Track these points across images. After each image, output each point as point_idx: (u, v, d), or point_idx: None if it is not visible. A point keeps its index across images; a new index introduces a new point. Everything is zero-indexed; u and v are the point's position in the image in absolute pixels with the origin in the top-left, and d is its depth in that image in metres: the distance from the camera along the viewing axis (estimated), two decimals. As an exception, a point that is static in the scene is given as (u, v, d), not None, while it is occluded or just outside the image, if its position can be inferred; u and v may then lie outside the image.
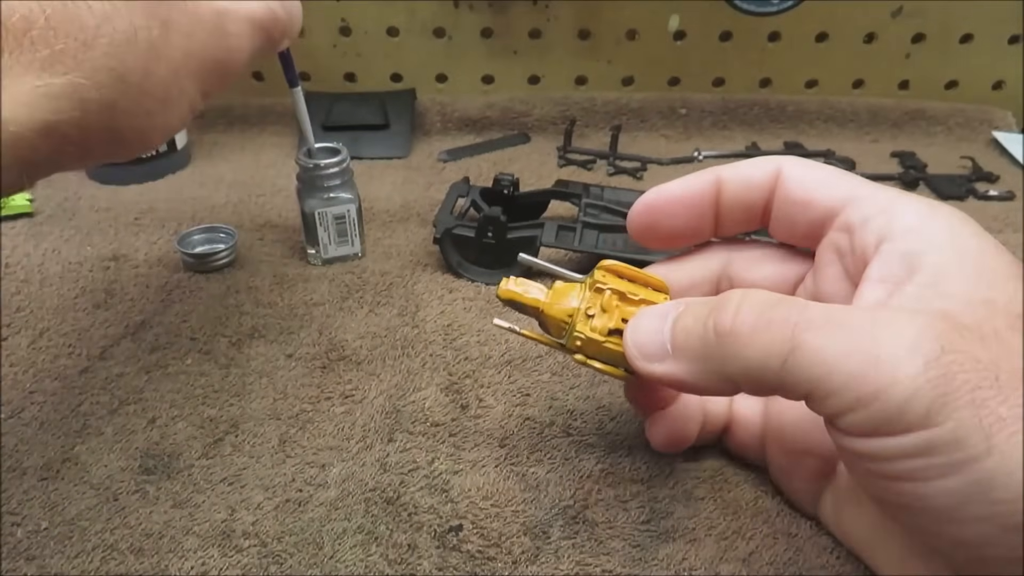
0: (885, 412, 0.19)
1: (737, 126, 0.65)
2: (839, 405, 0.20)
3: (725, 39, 0.67)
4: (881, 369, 0.20)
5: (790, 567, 0.27)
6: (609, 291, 0.26)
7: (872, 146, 0.63)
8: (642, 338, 0.25)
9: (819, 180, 0.26)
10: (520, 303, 0.27)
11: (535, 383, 0.36)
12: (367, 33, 0.66)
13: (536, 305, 0.27)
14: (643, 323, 0.25)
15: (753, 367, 0.21)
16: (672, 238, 0.29)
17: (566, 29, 0.66)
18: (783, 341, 0.21)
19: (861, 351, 0.20)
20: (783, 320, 0.21)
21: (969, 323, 0.20)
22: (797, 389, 0.21)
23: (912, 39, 0.67)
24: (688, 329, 0.24)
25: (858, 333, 0.20)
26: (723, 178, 0.27)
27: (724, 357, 0.22)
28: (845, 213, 0.25)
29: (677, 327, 0.24)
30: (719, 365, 0.22)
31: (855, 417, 0.20)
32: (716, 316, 0.23)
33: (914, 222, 0.23)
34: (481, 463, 0.31)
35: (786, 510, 0.29)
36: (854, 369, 0.20)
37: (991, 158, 0.61)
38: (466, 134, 0.64)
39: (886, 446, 0.20)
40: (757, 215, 0.27)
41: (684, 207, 0.27)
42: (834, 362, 0.20)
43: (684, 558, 0.27)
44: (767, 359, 0.21)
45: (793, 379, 0.21)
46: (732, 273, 0.28)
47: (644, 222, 0.28)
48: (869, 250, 0.24)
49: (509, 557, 0.27)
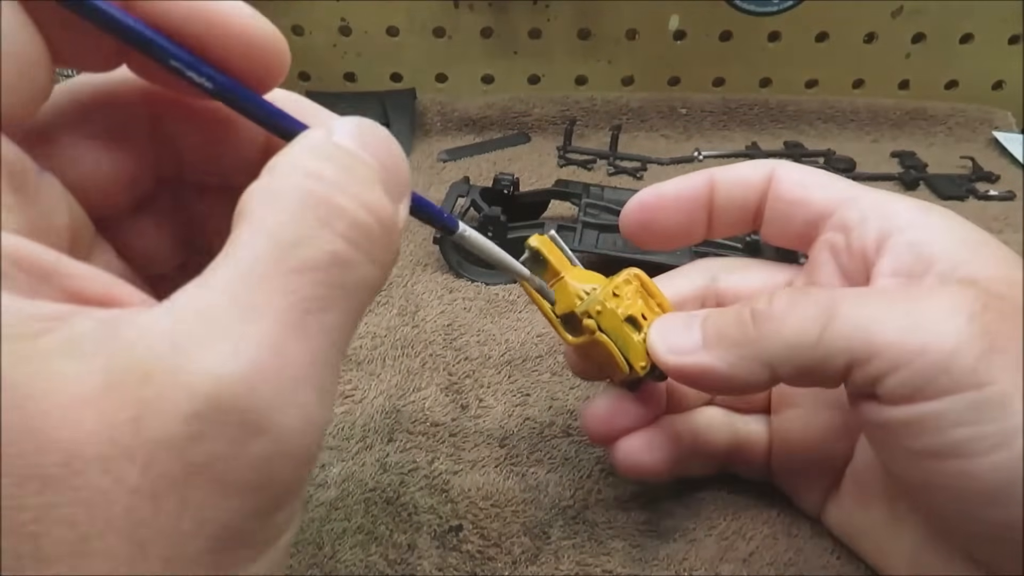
0: (931, 368, 0.19)
1: (737, 126, 0.65)
2: (881, 367, 0.20)
3: (725, 39, 0.67)
4: (924, 326, 0.19)
5: (791, 568, 0.27)
6: (636, 285, 0.26)
7: (872, 146, 0.63)
8: (670, 333, 0.24)
9: (812, 181, 0.26)
10: (545, 258, 0.26)
11: (535, 383, 0.36)
12: (367, 33, 0.66)
13: (560, 268, 0.26)
14: (669, 321, 0.25)
15: (791, 343, 0.21)
16: (665, 238, 0.29)
17: (566, 29, 0.66)
18: (820, 313, 0.21)
19: (901, 313, 0.20)
20: (817, 297, 0.22)
21: (998, 292, 0.20)
22: (836, 360, 0.21)
23: (912, 39, 0.67)
24: (720, 322, 0.23)
25: (895, 300, 0.21)
26: (716, 179, 0.27)
27: (760, 338, 0.22)
28: (840, 212, 0.25)
29: (708, 323, 0.24)
30: (755, 348, 0.22)
31: (898, 377, 0.20)
32: (751, 305, 0.23)
33: (914, 217, 0.24)
34: (481, 463, 0.31)
35: (786, 510, 0.29)
36: (896, 328, 0.20)
37: (991, 158, 0.61)
38: (466, 134, 0.64)
39: (931, 411, 0.19)
40: (749, 216, 0.27)
41: (677, 206, 0.27)
42: (874, 325, 0.20)
43: (684, 558, 0.27)
44: (804, 333, 0.21)
45: (832, 348, 0.21)
46: (719, 286, 0.28)
47: (637, 220, 0.28)
48: (870, 247, 0.24)
49: (509, 557, 0.27)
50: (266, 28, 0.17)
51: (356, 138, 0.17)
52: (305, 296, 0.14)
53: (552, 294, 0.26)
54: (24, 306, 0.13)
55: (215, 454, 0.13)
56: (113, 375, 0.12)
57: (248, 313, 0.13)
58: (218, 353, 0.13)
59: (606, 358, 0.25)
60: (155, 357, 0.13)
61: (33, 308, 0.13)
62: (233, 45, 0.16)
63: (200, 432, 0.13)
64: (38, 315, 0.13)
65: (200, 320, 0.13)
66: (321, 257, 0.14)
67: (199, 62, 0.16)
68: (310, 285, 0.14)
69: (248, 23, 0.17)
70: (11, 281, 0.13)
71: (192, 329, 0.13)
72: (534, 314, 0.41)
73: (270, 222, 0.15)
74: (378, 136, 0.17)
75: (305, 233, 0.14)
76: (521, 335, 0.39)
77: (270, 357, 0.13)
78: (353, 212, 0.15)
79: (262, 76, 0.17)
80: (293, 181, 0.15)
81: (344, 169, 0.16)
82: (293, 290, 0.14)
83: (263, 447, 0.13)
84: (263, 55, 0.17)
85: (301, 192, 0.15)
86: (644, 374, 0.25)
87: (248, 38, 0.17)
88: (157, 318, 0.13)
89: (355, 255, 0.15)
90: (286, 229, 0.14)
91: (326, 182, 0.15)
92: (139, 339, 0.13)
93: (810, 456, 0.27)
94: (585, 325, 0.25)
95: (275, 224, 0.14)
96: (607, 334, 0.25)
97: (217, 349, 0.13)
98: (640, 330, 0.25)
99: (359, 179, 0.16)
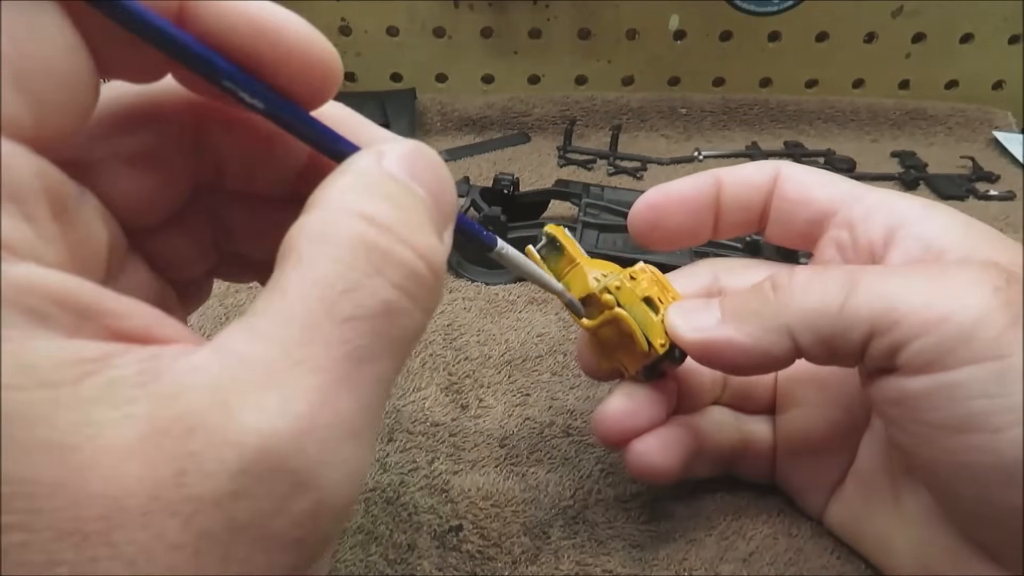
0: (954, 336, 0.19)
1: (737, 126, 0.65)
2: (904, 334, 0.20)
3: (725, 39, 0.67)
4: (948, 295, 0.20)
5: (791, 567, 0.27)
6: (650, 275, 0.26)
7: (872, 146, 0.63)
8: (689, 312, 0.24)
9: (817, 180, 0.27)
10: (561, 245, 0.26)
11: (535, 383, 0.36)
12: (367, 33, 0.66)
13: (575, 255, 0.26)
14: (687, 302, 0.25)
15: (813, 310, 0.22)
16: (672, 238, 0.29)
17: (566, 29, 0.66)
18: (842, 283, 0.21)
19: (925, 283, 0.20)
20: (839, 270, 0.22)
21: (1017, 274, 0.20)
22: (858, 328, 0.21)
23: (912, 39, 0.67)
24: (738, 298, 0.24)
25: (918, 273, 0.21)
26: (723, 179, 0.27)
27: (781, 307, 0.22)
28: (845, 210, 0.25)
29: (726, 300, 0.24)
30: (777, 317, 0.22)
31: (920, 344, 0.20)
32: (772, 277, 0.23)
33: (920, 212, 0.24)
34: (481, 463, 0.31)
35: (786, 510, 0.29)
36: (919, 297, 0.20)
37: (991, 158, 0.61)
38: (466, 134, 0.64)
39: (952, 381, 0.19)
40: (755, 217, 0.28)
41: (686, 206, 0.27)
42: (897, 293, 0.20)
43: (684, 558, 0.27)
44: (827, 300, 0.21)
45: (855, 315, 0.21)
46: (721, 286, 0.28)
47: (646, 219, 0.28)
48: (877, 242, 0.24)
49: (509, 557, 0.27)
50: (323, 45, 0.16)
51: (407, 166, 0.16)
52: (356, 347, 0.14)
53: (581, 308, 0.26)
54: (65, 347, 0.12)
55: (260, 511, 0.12)
56: (157, 425, 0.12)
57: (297, 364, 0.13)
58: (266, 407, 0.12)
59: (623, 339, 0.25)
60: (200, 408, 0.12)
61: (74, 350, 0.12)
62: (291, 62, 0.16)
63: (246, 490, 0.12)
64: (79, 358, 0.12)
65: (247, 369, 0.13)
66: (374, 306, 0.14)
67: (252, 82, 0.15)
68: (361, 335, 0.14)
69: (307, 40, 0.16)
70: (52, 321, 0.13)
71: (239, 379, 0.13)
72: (534, 314, 0.41)
73: (322, 267, 0.14)
74: (429, 162, 0.17)
75: (358, 281, 0.14)
76: (521, 335, 0.39)
77: (319, 412, 0.13)
78: (408, 260, 0.15)
79: (316, 93, 0.17)
80: (346, 224, 0.15)
81: (398, 209, 0.15)
82: (345, 340, 0.14)
83: (308, 504, 0.13)
84: (319, 72, 0.16)
85: (354, 236, 0.14)
86: (663, 353, 0.25)
87: (305, 55, 0.16)
88: (202, 364, 0.13)
89: (407, 304, 0.15)
90: (338, 276, 0.14)
91: (380, 227, 0.15)
92: (184, 387, 0.12)
93: (814, 455, 0.27)
94: (604, 300, 0.25)
95: (327, 270, 0.14)
96: (626, 310, 0.25)
97: (265, 403, 0.13)
98: (658, 312, 0.25)
99: (413, 221, 0.15)
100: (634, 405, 0.26)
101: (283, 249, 0.15)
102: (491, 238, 0.22)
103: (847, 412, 0.27)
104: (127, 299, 0.14)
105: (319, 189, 0.15)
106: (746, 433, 0.29)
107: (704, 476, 0.29)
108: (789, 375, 0.28)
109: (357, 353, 0.14)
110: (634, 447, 0.26)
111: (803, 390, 0.28)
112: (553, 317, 0.40)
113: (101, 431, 0.12)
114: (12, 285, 0.12)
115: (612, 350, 0.26)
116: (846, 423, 0.27)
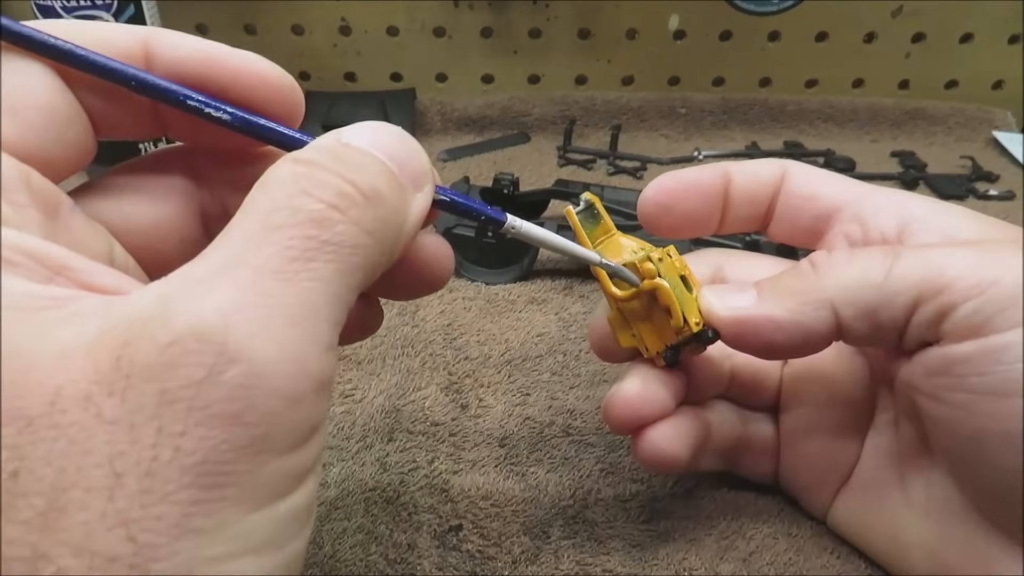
0: (1003, 299, 0.20)
1: (737, 126, 0.65)
2: (952, 298, 0.20)
3: (725, 39, 0.67)
4: (994, 261, 0.20)
5: (791, 567, 0.27)
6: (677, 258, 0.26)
7: (872, 146, 0.63)
8: (724, 290, 0.24)
9: (825, 178, 0.27)
10: (599, 212, 0.26)
11: (535, 383, 0.36)
12: (367, 33, 0.66)
13: (611, 227, 0.26)
14: (719, 285, 0.25)
15: (857, 280, 0.22)
16: (680, 225, 0.28)
17: (566, 29, 0.66)
18: (884, 255, 0.22)
19: (969, 252, 0.21)
20: (878, 247, 0.22)
21: None
22: (903, 296, 0.21)
23: (912, 39, 0.67)
24: (776, 278, 0.24)
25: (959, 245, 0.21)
26: (732, 172, 0.27)
27: (822, 281, 0.22)
28: (854, 206, 0.25)
29: (761, 283, 0.24)
30: (817, 291, 0.22)
31: (969, 307, 0.20)
32: (811, 257, 0.23)
33: (931, 207, 0.24)
34: (481, 463, 0.31)
35: (786, 510, 0.29)
36: (966, 262, 0.20)
37: (991, 158, 0.61)
38: (466, 134, 0.64)
39: (1000, 344, 0.20)
40: (761, 212, 0.27)
41: (697, 193, 0.27)
42: (943, 259, 0.21)
43: (684, 558, 0.27)
44: (870, 272, 0.22)
45: (901, 283, 0.21)
46: (725, 275, 0.28)
47: (658, 203, 0.27)
48: (890, 235, 0.24)
49: (509, 557, 0.27)
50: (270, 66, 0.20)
51: (367, 138, 0.18)
52: (286, 247, 0.15)
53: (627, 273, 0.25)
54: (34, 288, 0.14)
55: (190, 381, 0.13)
56: (104, 331, 0.13)
57: (231, 267, 0.14)
58: (197, 296, 0.14)
59: (655, 313, 0.24)
60: (142, 309, 0.14)
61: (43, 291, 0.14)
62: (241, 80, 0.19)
63: (175, 360, 0.13)
64: (46, 295, 0.14)
65: (187, 279, 0.14)
66: (301, 217, 0.15)
67: (213, 99, 0.19)
68: (291, 239, 0.15)
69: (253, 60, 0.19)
70: (24, 270, 0.14)
71: (179, 286, 0.14)
72: (534, 314, 0.41)
73: (258, 201, 0.16)
74: (389, 133, 0.19)
75: (286, 202, 0.16)
76: (521, 335, 0.39)
77: (247, 295, 0.14)
78: (336, 184, 0.16)
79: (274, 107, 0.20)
80: (283, 168, 0.16)
81: (333, 156, 0.17)
82: (272, 242, 0.15)
83: (238, 375, 0.13)
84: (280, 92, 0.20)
85: (286, 173, 0.16)
86: (695, 333, 0.24)
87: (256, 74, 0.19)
88: (150, 286, 0.15)
89: (335, 215, 0.16)
90: (271, 202, 0.16)
91: (308, 162, 0.17)
92: (132, 302, 0.14)
93: (819, 454, 0.27)
94: (645, 270, 0.24)
95: (261, 200, 0.16)
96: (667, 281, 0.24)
97: (196, 292, 0.14)
98: (691, 291, 0.25)
99: (349, 163, 0.17)
100: (648, 391, 0.25)
101: None
102: (498, 214, 0.22)
103: (852, 410, 0.27)
104: (102, 265, 0.16)
105: None
106: (749, 429, 0.29)
107: (706, 470, 0.29)
108: (794, 372, 0.28)
109: (288, 253, 0.15)
110: (647, 434, 0.25)
111: (808, 387, 0.28)
112: (553, 317, 0.40)
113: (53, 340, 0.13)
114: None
115: (638, 324, 0.25)
116: (851, 421, 0.27)
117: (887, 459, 0.26)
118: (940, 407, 0.22)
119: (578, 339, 0.39)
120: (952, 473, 0.24)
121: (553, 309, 0.41)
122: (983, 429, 0.21)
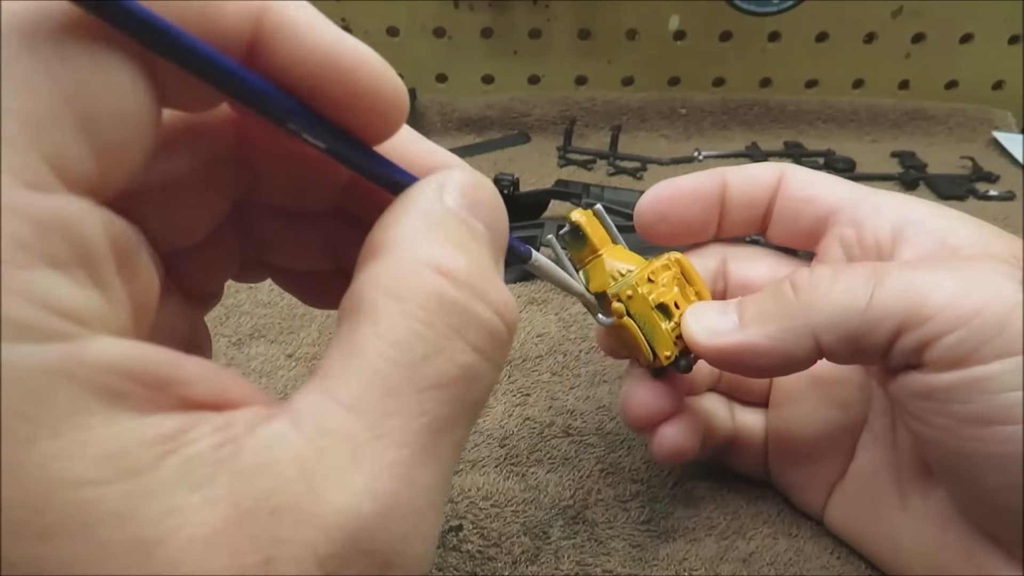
0: (987, 330, 0.19)
1: (737, 126, 0.65)
2: (935, 329, 0.20)
3: (725, 39, 0.67)
4: (979, 289, 0.20)
5: (791, 567, 0.27)
6: (675, 272, 0.26)
7: (872, 146, 0.63)
8: (705, 316, 0.24)
9: (822, 180, 0.27)
10: (585, 234, 0.26)
11: (535, 383, 0.36)
12: (367, 33, 0.66)
13: (598, 246, 0.26)
14: (703, 307, 0.25)
15: (839, 308, 0.21)
16: (678, 232, 0.28)
17: (566, 29, 0.66)
18: (867, 279, 0.21)
19: (953, 277, 0.20)
20: (862, 266, 0.22)
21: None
22: (885, 325, 0.21)
23: (912, 39, 0.67)
24: (756, 300, 0.23)
25: (942, 266, 0.21)
26: (728, 177, 0.27)
27: (804, 308, 0.22)
28: (851, 208, 0.25)
29: (743, 304, 0.24)
30: (798, 319, 0.22)
31: (953, 339, 0.20)
32: (791, 278, 0.23)
33: (928, 211, 0.24)
34: (481, 463, 0.31)
35: (786, 510, 0.29)
36: (951, 291, 0.20)
37: (991, 158, 0.61)
38: (466, 134, 0.64)
39: (983, 375, 0.19)
40: (759, 216, 0.27)
41: (694, 200, 0.27)
42: (927, 286, 0.20)
43: (684, 558, 0.27)
44: (854, 297, 0.21)
45: (883, 312, 0.20)
46: (729, 269, 0.28)
47: (655, 211, 0.27)
48: (885, 239, 0.24)
49: (509, 557, 0.27)
50: (393, 82, 0.16)
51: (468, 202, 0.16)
52: (436, 416, 0.13)
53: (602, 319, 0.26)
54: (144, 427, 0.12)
55: None
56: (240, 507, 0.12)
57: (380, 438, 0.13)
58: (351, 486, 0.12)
59: (632, 343, 0.25)
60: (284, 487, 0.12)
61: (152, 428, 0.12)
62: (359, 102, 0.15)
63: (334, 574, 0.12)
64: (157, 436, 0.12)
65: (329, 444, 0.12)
66: (454, 372, 0.14)
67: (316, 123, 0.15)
68: (441, 404, 0.13)
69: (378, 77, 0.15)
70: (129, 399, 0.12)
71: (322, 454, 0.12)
72: (534, 314, 0.41)
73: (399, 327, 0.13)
74: (488, 195, 0.17)
75: (438, 345, 0.13)
76: (521, 335, 0.39)
77: (403, 488, 0.13)
78: (486, 320, 0.14)
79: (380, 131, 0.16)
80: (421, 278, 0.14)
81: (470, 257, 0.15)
82: (425, 411, 0.13)
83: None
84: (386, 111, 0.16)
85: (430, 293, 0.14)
86: (667, 364, 0.25)
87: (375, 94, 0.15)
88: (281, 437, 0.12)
89: (486, 366, 0.14)
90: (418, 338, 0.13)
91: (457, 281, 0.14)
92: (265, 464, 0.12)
93: (809, 453, 0.27)
94: (614, 309, 0.25)
95: (405, 331, 0.13)
96: (634, 319, 0.25)
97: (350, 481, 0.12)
98: (671, 318, 0.25)
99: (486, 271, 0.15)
100: (661, 390, 0.26)
101: (353, 301, 0.14)
102: (526, 250, 0.21)
103: (843, 410, 0.27)
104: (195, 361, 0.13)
105: (383, 230, 0.15)
106: (739, 424, 0.29)
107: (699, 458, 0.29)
108: None
109: (437, 423, 0.13)
110: (663, 431, 0.26)
111: (799, 386, 0.28)
112: (553, 317, 0.40)
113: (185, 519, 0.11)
114: (90, 366, 0.11)
115: (624, 344, 0.26)
116: (842, 421, 0.27)
117: (883, 462, 0.26)
118: (923, 427, 0.22)
119: (578, 339, 0.39)
120: (945, 485, 0.24)
121: (553, 309, 0.41)
122: (970, 451, 0.21)
